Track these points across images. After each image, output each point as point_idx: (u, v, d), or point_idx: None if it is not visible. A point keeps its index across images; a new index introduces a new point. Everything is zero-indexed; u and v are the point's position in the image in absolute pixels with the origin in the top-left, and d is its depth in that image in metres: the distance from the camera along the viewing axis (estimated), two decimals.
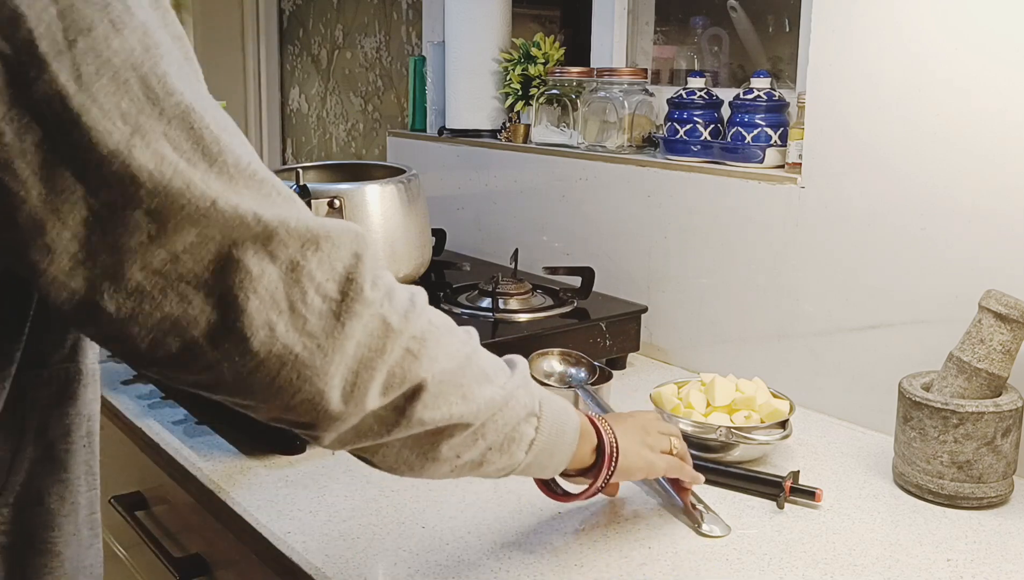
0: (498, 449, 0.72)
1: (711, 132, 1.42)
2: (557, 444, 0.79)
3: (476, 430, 0.70)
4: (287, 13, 2.69)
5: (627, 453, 0.87)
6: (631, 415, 0.94)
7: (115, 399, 1.25)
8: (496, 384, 0.71)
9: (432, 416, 0.66)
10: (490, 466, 0.73)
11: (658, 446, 0.92)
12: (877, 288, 1.17)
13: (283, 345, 0.57)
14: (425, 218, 1.25)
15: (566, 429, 0.80)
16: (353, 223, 0.62)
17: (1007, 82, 1.02)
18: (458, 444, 0.69)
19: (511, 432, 0.73)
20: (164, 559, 1.15)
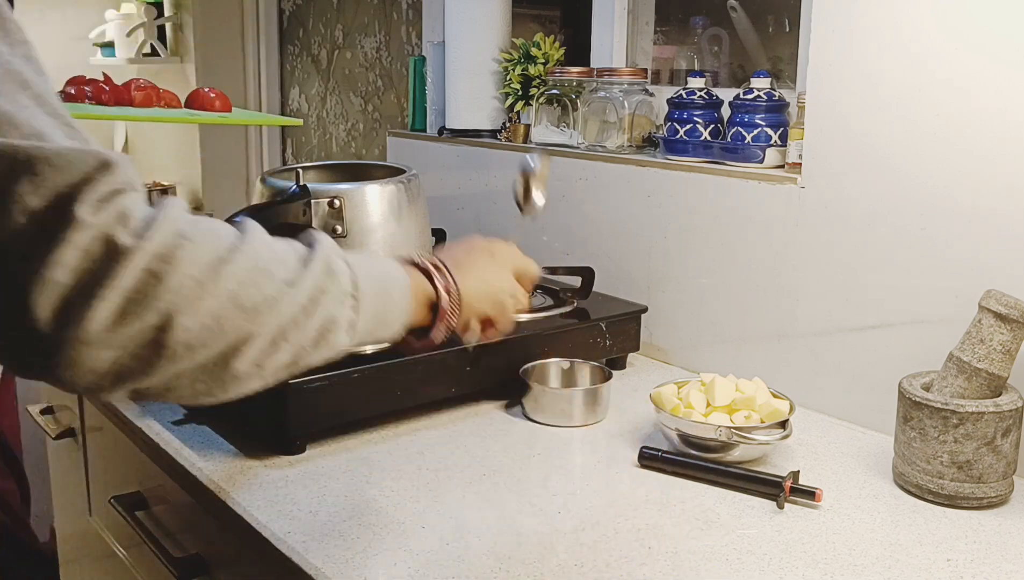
0: (312, 345, 0.70)
1: (711, 132, 1.42)
2: (386, 314, 0.77)
3: (272, 337, 0.66)
4: (287, 13, 2.69)
5: (472, 300, 0.86)
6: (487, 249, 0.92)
7: (115, 399, 1.25)
8: (280, 279, 0.67)
9: (198, 340, 0.62)
10: (309, 360, 0.71)
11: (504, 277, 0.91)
12: (877, 288, 1.17)
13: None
14: (425, 218, 1.25)
15: (393, 296, 0.78)
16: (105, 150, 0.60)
17: (1007, 82, 1.02)
18: (255, 357, 0.66)
19: (323, 324, 0.70)
20: (164, 559, 1.15)
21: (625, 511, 0.97)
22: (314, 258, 0.70)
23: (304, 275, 0.69)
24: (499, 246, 0.95)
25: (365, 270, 0.75)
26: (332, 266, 0.72)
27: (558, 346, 1.29)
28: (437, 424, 1.19)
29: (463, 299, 0.86)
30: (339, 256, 0.73)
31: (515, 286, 0.94)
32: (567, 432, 1.17)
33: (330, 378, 1.08)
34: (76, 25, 3.04)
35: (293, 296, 0.67)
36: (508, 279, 0.93)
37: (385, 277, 0.78)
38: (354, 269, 0.74)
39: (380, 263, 0.78)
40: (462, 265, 0.88)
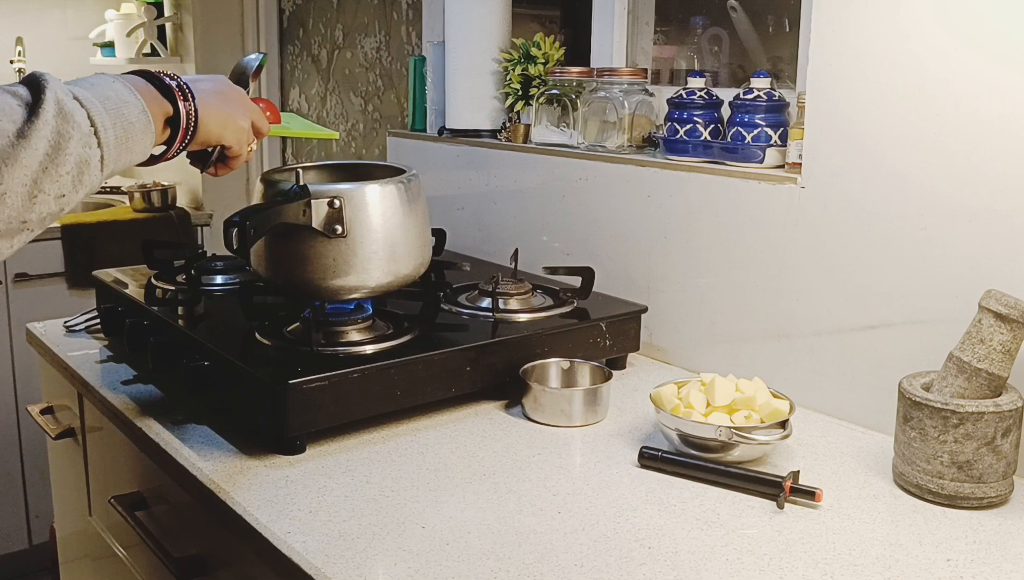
0: (72, 188, 0.73)
1: (711, 132, 1.42)
2: (130, 140, 0.80)
3: (26, 190, 0.69)
4: (287, 13, 2.69)
5: (210, 124, 0.91)
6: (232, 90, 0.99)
7: (115, 399, 1.25)
8: (10, 134, 0.69)
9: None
10: (73, 200, 0.74)
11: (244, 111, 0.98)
12: (877, 288, 1.17)
13: None
14: (425, 218, 1.25)
15: (133, 121, 0.80)
16: None
17: (1007, 82, 1.02)
18: (15, 213, 0.69)
19: (75, 167, 0.73)
20: (164, 559, 1.15)
21: (625, 511, 0.97)
22: (44, 104, 0.72)
23: (36, 124, 0.70)
24: (241, 92, 1.01)
25: (99, 104, 0.77)
26: (64, 108, 0.73)
27: (558, 346, 1.29)
28: (437, 424, 1.19)
29: (201, 123, 0.91)
30: (68, 95, 0.74)
31: (250, 128, 1.00)
32: (567, 432, 1.17)
33: (330, 378, 1.08)
34: (76, 25, 3.04)
35: (31, 147, 0.69)
36: (245, 118, 0.99)
37: (120, 105, 0.80)
38: (87, 105, 0.75)
39: (112, 90, 0.80)
40: (206, 93, 0.93)
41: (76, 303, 2.49)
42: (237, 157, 1.02)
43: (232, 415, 1.17)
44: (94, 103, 0.76)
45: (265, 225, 1.10)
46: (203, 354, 1.17)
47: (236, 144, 0.99)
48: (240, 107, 1.00)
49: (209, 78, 0.98)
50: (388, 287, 1.21)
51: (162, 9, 2.91)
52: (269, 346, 1.17)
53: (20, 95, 0.72)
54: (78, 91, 0.76)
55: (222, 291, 1.46)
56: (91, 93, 0.77)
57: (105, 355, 1.43)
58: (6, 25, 2.89)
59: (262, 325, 1.23)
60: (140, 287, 1.47)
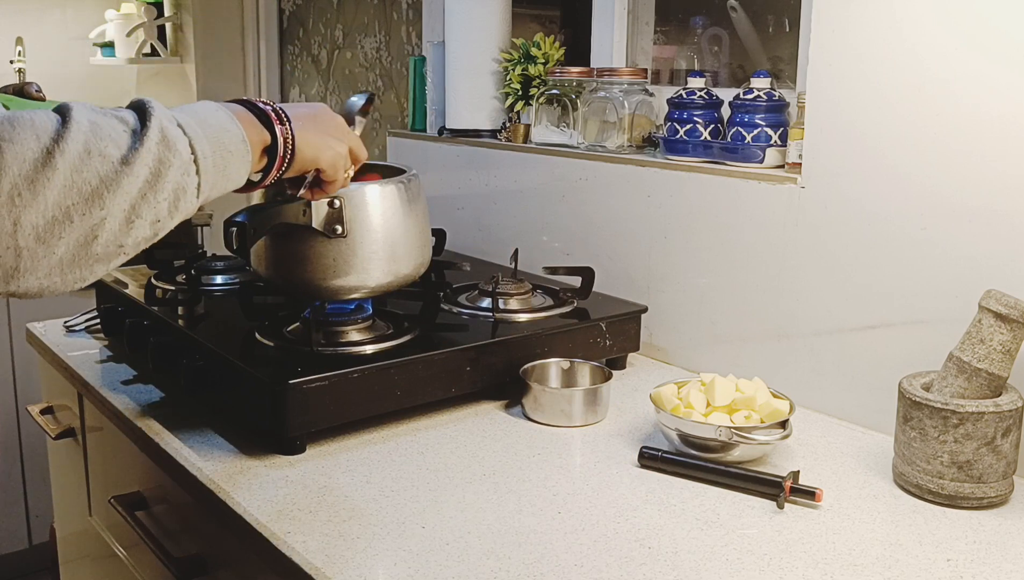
0: (167, 215, 0.74)
1: (711, 132, 1.42)
2: (228, 168, 0.81)
3: (124, 215, 0.70)
4: (287, 13, 2.69)
5: (306, 150, 0.91)
6: (330, 115, 0.99)
7: (115, 399, 1.25)
8: (114, 159, 0.69)
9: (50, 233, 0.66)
10: (167, 226, 0.75)
11: (341, 136, 0.98)
12: (877, 288, 1.17)
13: None
14: (425, 218, 1.25)
15: (231, 150, 0.81)
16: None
17: (1007, 82, 1.02)
18: (112, 237, 0.70)
19: (172, 194, 0.73)
20: (164, 559, 1.15)
21: (625, 511, 0.97)
22: (148, 131, 0.72)
23: (140, 151, 0.71)
24: (340, 120, 1.01)
25: (200, 131, 0.78)
26: (167, 136, 0.74)
27: (558, 346, 1.29)
28: (437, 424, 1.19)
29: (297, 149, 0.91)
30: (172, 122, 0.75)
31: (347, 153, 1.00)
32: (567, 432, 1.17)
33: (330, 378, 1.08)
34: (76, 25, 3.04)
35: (133, 173, 0.70)
36: (342, 145, 0.99)
37: (221, 133, 0.81)
38: (190, 134, 0.76)
39: (214, 117, 0.81)
40: (302, 119, 0.93)
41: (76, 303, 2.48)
42: (333, 182, 1.01)
43: (232, 415, 1.17)
44: (196, 130, 0.77)
45: (265, 225, 1.10)
46: (203, 354, 1.17)
47: (331, 169, 0.98)
48: (337, 131, 0.99)
49: (307, 105, 0.98)
50: (388, 287, 1.20)
51: (162, 9, 2.91)
52: (269, 346, 1.17)
53: (127, 121, 0.72)
54: (181, 118, 0.77)
55: (222, 291, 1.46)
56: (193, 120, 0.78)
57: (105, 355, 1.43)
58: (6, 25, 2.89)
59: (262, 325, 1.23)
60: (140, 287, 1.47)
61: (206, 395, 1.17)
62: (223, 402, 1.17)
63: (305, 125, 0.93)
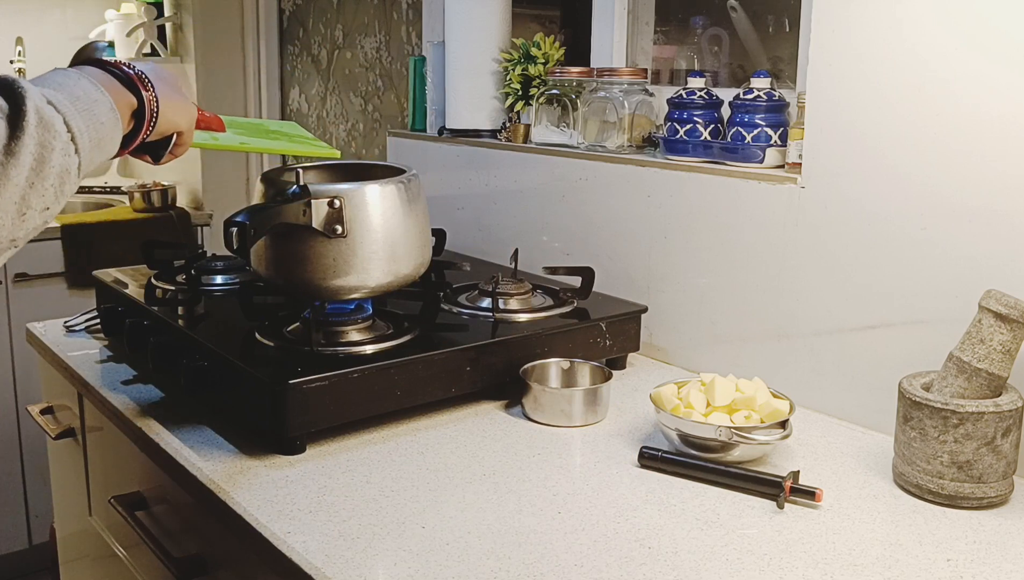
0: (54, 198, 0.72)
1: (711, 132, 1.42)
2: (103, 141, 0.80)
3: (16, 208, 0.69)
4: (287, 13, 2.69)
5: (167, 108, 0.91)
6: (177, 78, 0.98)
7: (115, 399, 1.25)
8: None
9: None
10: (55, 210, 0.74)
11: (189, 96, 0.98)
12: (877, 288, 1.17)
13: None
14: (425, 218, 1.25)
15: (103, 120, 0.80)
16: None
17: (1007, 82, 1.02)
18: (5, 234, 0.69)
19: (57, 177, 0.72)
20: (164, 559, 1.15)
21: (625, 511, 0.97)
22: (26, 115, 0.70)
23: (23, 140, 0.69)
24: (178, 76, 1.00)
25: (71, 105, 0.76)
26: (44, 117, 0.71)
27: (558, 346, 1.29)
28: (437, 424, 1.19)
29: (161, 111, 0.90)
30: (44, 101, 0.73)
31: (196, 114, 1.00)
32: (567, 432, 1.17)
33: (330, 378, 1.08)
34: (76, 25, 3.04)
35: (19, 163, 0.68)
36: (192, 106, 0.99)
37: (91, 104, 0.79)
38: (63, 111, 0.74)
39: (80, 88, 0.79)
40: (161, 81, 0.92)
41: (76, 303, 2.49)
42: (184, 144, 1.00)
43: (232, 415, 1.17)
44: (68, 107, 0.75)
45: (265, 225, 1.10)
46: (203, 354, 1.17)
47: (189, 132, 0.98)
48: (184, 90, 0.98)
49: (153, 64, 0.97)
50: (388, 287, 1.21)
51: (162, 9, 2.91)
52: (269, 346, 1.17)
53: (0, 107, 0.69)
54: (50, 94, 0.74)
55: (222, 291, 1.46)
56: (62, 95, 0.75)
57: (105, 355, 1.43)
58: (6, 25, 2.89)
59: (262, 325, 1.23)
60: (140, 287, 1.47)
61: (206, 395, 1.17)
62: (223, 402, 1.17)
63: (162, 87, 0.92)
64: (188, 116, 0.97)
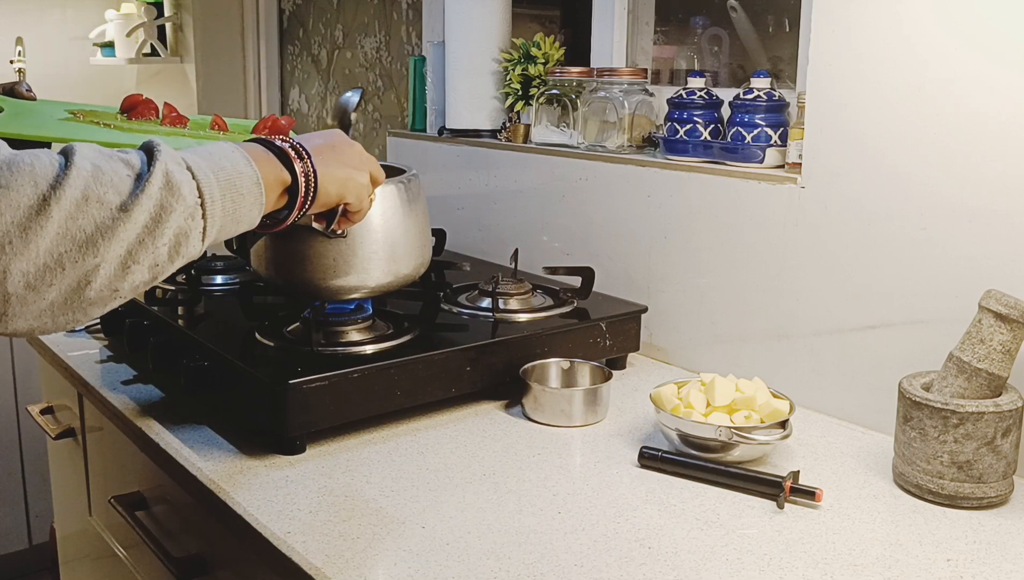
0: (167, 259, 0.72)
1: (711, 132, 1.42)
2: (238, 211, 0.79)
3: (120, 261, 0.69)
4: (287, 13, 2.69)
5: (328, 186, 0.89)
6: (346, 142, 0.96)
7: (115, 399, 1.25)
8: (113, 206, 0.68)
9: (40, 281, 0.65)
10: (167, 270, 0.73)
11: (361, 165, 0.95)
12: (877, 288, 1.17)
13: None
14: (425, 218, 1.25)
15: (244, 193, 0.79)
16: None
17: (1007, 82, 1.02)
18: (106, 283, 0.69)
19: (173, 239, 0.72)
20: (164, 559, 1.15)
21: (625, 511, 0.97)
22: (152, 176, 0.71)
23: (140, 197, 0.69)
24: (358, 147, 0.98)
25: (211, 175, 0.76)
26: (172, 180, 0.72)
27: (558, 346, 1.29)
28: (437, 424, 1.19)
29: (320, 185, 0.88)
30: (180, 165, 0.73)
31: (369, 182, 0.98)
32: (567, 432, 1.17)
33: (330, 378, 1.08)
34: (76, 25, 3.04)
35: (131, 220, 0.69)
36: (364, 174, 0.97)
37: (234, 176, 0.79)
38: (199, 177, 0.74)
39: (228, 159, 0.79)
40: (322, 152, 0.90)
41: None
42: (358, 212, 0.98)
43: (232, 415, 1.17)
44: (206, 174, 0.75)
45: None
46: (203, 354, 1.17)
47: (357, 201, 0.96)
48: (357, 160, 0.96)
49: (321, 134, 0.95)
50: (388, 287, 1.21)
51: (162, 9, 2.91)
52: (269, 346, 1.17)
53: (132, 164, 0.71)
54: (192, 160, 0.75)
55: (222, 291, 1.46)
56: (205, 162, 0.76)
57: (105, 355, 1.43)
58: (6, 25, 2.89)
59: (262, 325, 1.23)
60: None
61: (206, 395, 1.17)
62: (223, 402, 1.17)
63: (326, 159, 0.90)
64: (355, 186, 0.94)
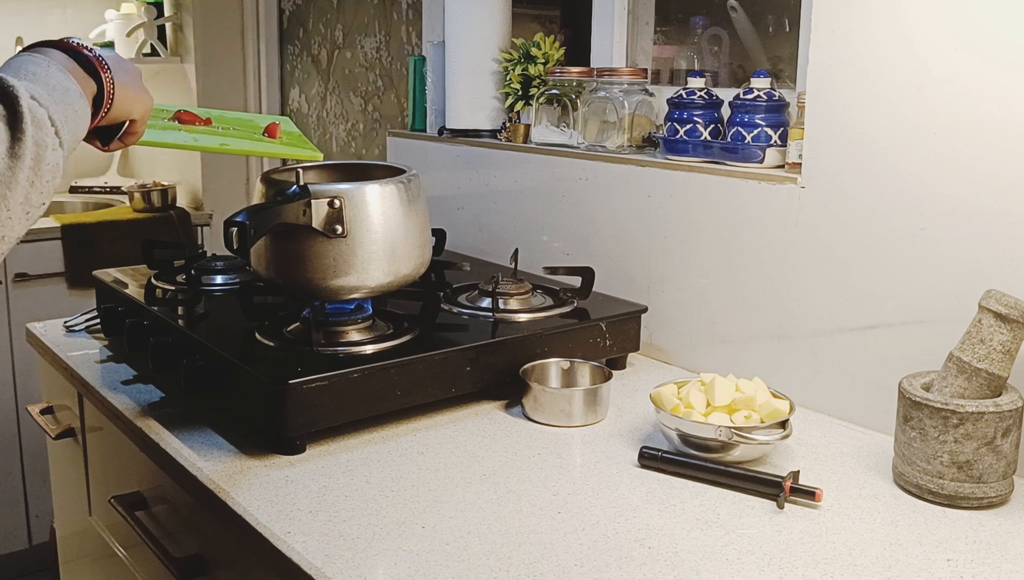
0: (49, 193, 0.74)
1: (711, 132, 1.42)
2: (77, 131, 0.81)
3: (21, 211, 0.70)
4: (287, 13, 2.69)
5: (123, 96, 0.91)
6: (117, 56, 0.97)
7: (115, 399, 1.25)
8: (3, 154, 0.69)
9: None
10: (47, 203, 0.74)
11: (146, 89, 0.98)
12: (877, 288, 1.17)
13: None
14: (425, 218, 1.25)
15: (77, 109, 0.81)
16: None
17: (1007, 82, 1.02)
18: (14, 235, 0.70)
19: (50, 172, 0.73)
20: (164, 559, 1.15)
21: (625, 511, 0.97)
22: (21, 114, 0.71)
23: (23, 140, 0.70)
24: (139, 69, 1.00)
25: (50, 98, 0.76)
26: (36, 115, 0.73)
27: (558, 346, 1.29)
28: (437, 424, 1.19)
29: (116, 98, 0.90)
30: (35, 98, 0.74)
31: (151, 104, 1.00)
32: (567, 432, 1.17)
33: (330, 378, 1.08)
34: (76, 25, 3.04)
35: (23, 164, 0.70)
36: (150, 96, 0.99)
37: (65, 94, 0.80)
38: (46, 105, 0.75)
39: (54, 77, 0.80)
40: (119, 68, 0.91)
41: (76, 303, 2.49)
42: (135, 134, 0.99)
43: (232, 415, 1.17)
44: (48, 99, 0.76)
45: (265, 225, 1.10)
46: (203, 354, 1.17)
47: (141, 121, 0.98)
48: (141, 81, 0.98)
49: (108, 51, 0.95)
50: (388, 287, 1.21)
51: (162, 9, 2.91)
52: (269, 346, 1.17)
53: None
54: (32, 88, 0.75)
55: (222, 291, 1.46)
56: (41, 88, 0.76)
57: (105, 355, 1.43)
58: (6, 25, 2.89)
59: (262, 325, 1.23)
60: (140, 287, 1.47)
61: (206, 395, 1.17)
62: (223, 402, 1.17)
63: (122, 75, 0.91)
64: (143, 105, 0.97)
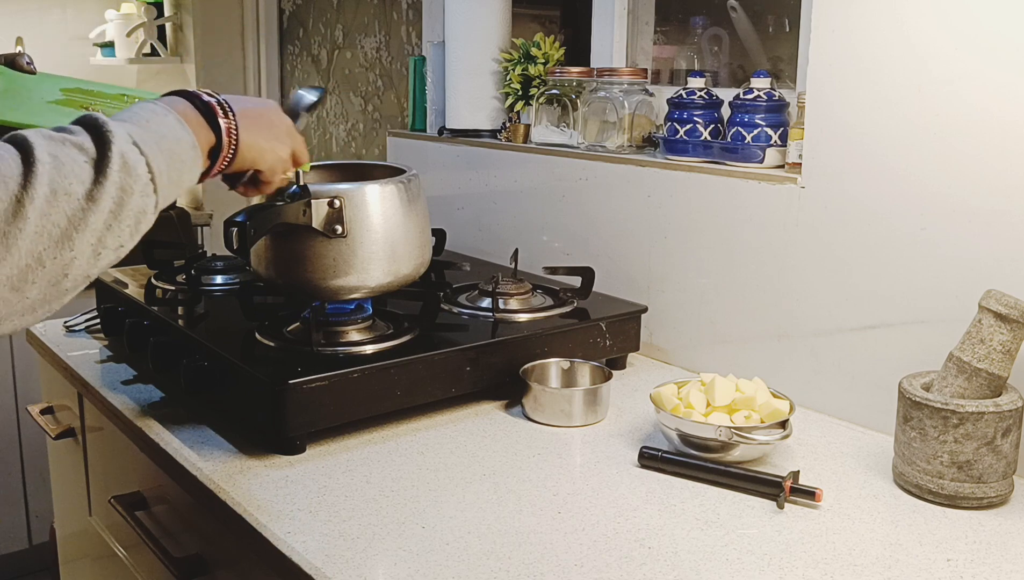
0: (129, 237, 0.74)
1: (711, 132, 1.42)
2: (182, 179, 0.81)
3: (92, 250, 0.70)
4: (287, 13, 2.69)
5: (247, 146, 0.90)
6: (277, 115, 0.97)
7: (115, 399, 1.25)
8: (80, 196, 0.69)
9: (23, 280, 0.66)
10: (129, 246, 0.75)
11: (285, 139, 0.97)
12: (877, 288, 1.17)
13: None
14: (425, 218, 1.25)
15: (184, 160, 0.81)
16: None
17: (1007, 82, 1.02)
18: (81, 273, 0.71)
19: (134, 218, 0.73)
20: (164, 559, 1.15)
21: (625, 511, 0.97)
22: (110, 160, 0.71)
23: (104, 185, 0.70)
24: (287, 121, 1.00)
25: (155, 146, 0.76)
26: (128, 161, 0.73)
27: (558, 346, 1.29)
28: (437, 424, 1.19)
29: (240, 148, 0.90)
30: (129, 142, 0.74)
31: (289, 157, 0.99)
32: (567, 432, 1.17)
33: (330, 378, 1.08)
34: (76, 25, 3.04)
35: (99, 209, 0.70)
36: (286, 148, 0.98)
37: (174, 144, 0.80)
38: (146, 152, 0.75)
39: (166, 126, 0.80)
40: (249, 116, 0.91)
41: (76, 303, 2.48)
42: (269, 184, 1.00)
43: (232, 415, 1.17)
44: (152, 147, 0.76)
45: (265, 225, 1.10)
46: (203, 354, 1.17)
47: (270, 172, 0.97)
48: (283, 133, 0.97)
49: (256, 100, 0.96)
50: (388, 287, 1.21)
51: (162, 9, 2.91)
52: (269, 346, 1.17)
53: (85, 148, 0.71)
54: (136, 134, 0.75)
55: (222, 291, 1.46)
56: (148, 135, 0.76)
57: (105, 355, 1.43)
58: (6, 25, 2.89)
59: (262, 325, 1.23)
60: (140, 287, 1.47)
61: (206, 395, 1.17)
62: (223, 402, 1.17)
63: (250, 124, 0.91)
64: (273, 156, 0.96)
